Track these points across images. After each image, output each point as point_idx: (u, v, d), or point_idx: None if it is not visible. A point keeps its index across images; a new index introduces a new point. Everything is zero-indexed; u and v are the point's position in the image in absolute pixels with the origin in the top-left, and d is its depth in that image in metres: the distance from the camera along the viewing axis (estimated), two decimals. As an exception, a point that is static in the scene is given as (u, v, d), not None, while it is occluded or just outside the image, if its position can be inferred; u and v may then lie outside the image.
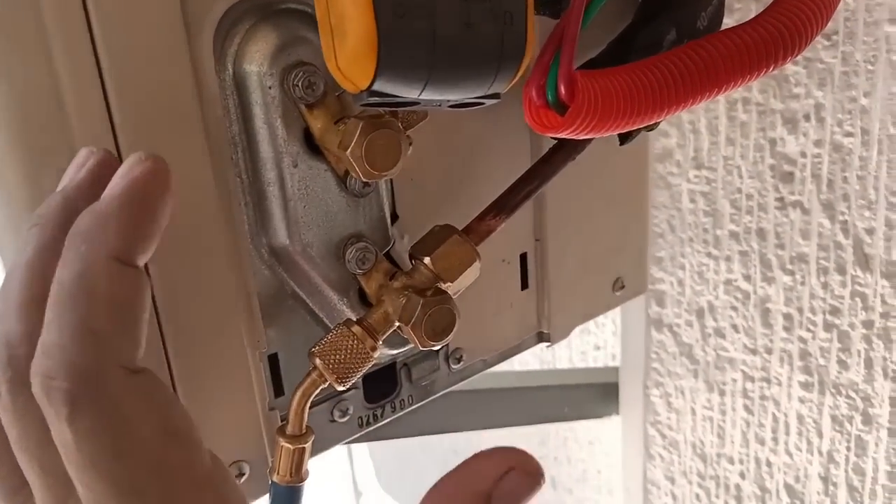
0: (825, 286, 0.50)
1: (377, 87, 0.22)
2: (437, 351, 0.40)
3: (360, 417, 0.38)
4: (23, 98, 0.26)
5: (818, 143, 0.48)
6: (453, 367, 0.41)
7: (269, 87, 0.30)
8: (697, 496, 0.65)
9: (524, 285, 0.43)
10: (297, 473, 0.31)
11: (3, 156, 0.27)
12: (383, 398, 0.39)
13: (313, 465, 0.33)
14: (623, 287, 0.47)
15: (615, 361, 0.73)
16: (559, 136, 0.28)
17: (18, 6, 0.25)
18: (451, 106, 0.25)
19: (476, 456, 0.25)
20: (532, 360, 0.85)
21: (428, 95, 0.23)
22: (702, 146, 0.54)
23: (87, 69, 0.26)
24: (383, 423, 0.39)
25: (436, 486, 0.25)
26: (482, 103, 0.25)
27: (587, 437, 0.81)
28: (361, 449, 1.42)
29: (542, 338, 0.45)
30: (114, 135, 0.28)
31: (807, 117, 0.48)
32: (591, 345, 0.77)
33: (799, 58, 0.47)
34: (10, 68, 0.25)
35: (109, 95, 0.27)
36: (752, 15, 0.33)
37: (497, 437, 0.99)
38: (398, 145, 0.29)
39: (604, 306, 0.47)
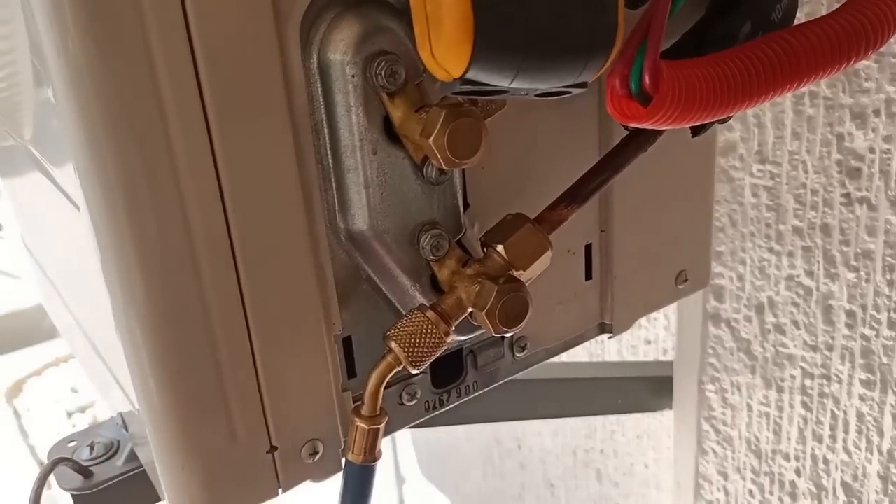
0: (891, 283, 0.49)
1: (471, 74, 0.23)
2: (503, 339, 0.41)
3: (427, 402, 0.39)
4: (121, 81, 0.27)
5: (888, 139, 0.47)
6: (517, 354, 0.42)
7: (352, 76, 0.30)
8: (751, 492, 0.65)
9: (588, 276, 0.43)
10: (371, 453, 0.32)
11: (98, 142, 0.28)
12: (450, 383, 0.40)
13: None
14: (686, 280, 0.47)
15: (666, 356, 0.73)
16: (641, 126, 0.28)
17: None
18: (537, 95, 0.26)
19: None
20: (581, 353, 0.86)
21: (518, 84, 0.24)
22: (766, 140, 0.53)
23: (182, 57, 0.27)
24: (449, 407, 0.40)
25: None
26: (569, 92, 0.26)
27: (635, 431, 0.81)
28: (404, 437, 1.44)
29: (604, 329, 0.45)
30: (206, 120, 0.28)
31: (877, 112, 0.47)
32: (641, 339, 0.76)
33: (871, 51, 0.47)
34: (109, 55, 0.26)
35: (202, 82, 0.28)
36: (822, 8, 0.33)
37: (545, 428, 0.99)
38: (479, 133, 0.29)
39: (666, 299, 0.47)
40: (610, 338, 0.45)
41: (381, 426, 0.33)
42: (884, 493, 0.54)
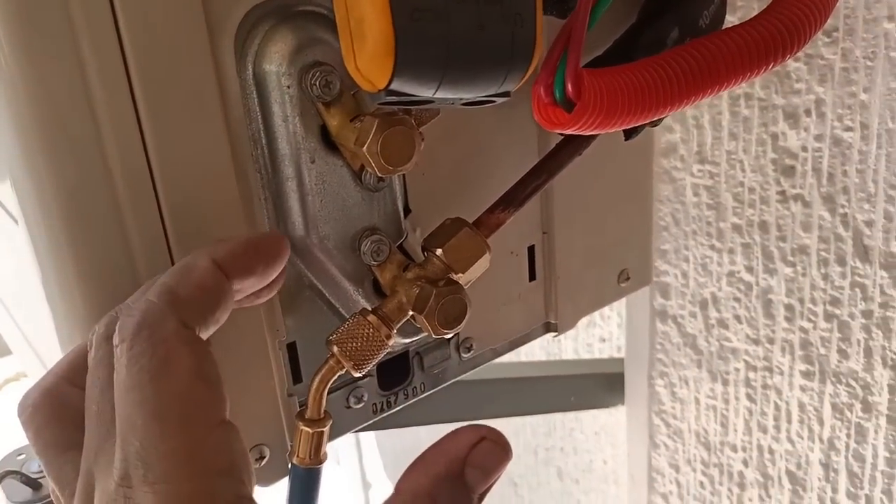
0: (826, 277, 0.51)
1: (394, 86, 0.24)
2: (449, 340, 0.42)
3: (375, 404, 0.40)
4: (54, 97, 0.27)
5: (819, 138, 0.49)
6: (464, 355, 0.43)
7: (288, 87, 0.31)
8: (701, 483, 0.66)
9: (532, 277, 0.44)
10: (316, 456, 0.33)
11: (33, 154, 0.28)
12: (396, 385, 0.40)
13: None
14: (628, 279, 0.49)
15: (621, 353, 0.74)
16: (567, 132, 0.29)
17: (50, 8, 0.26)
18: (463, 104, 0.26)
19: (452, 431, 0.29)
20: (539, 352, 0.87)
21: (442, 94, 0.25)
22: (705, 141, 0.55)
23: (115, 69, 0.28)
24: (396, 409, 0.41)
25: (417, 458, 0.29)
26: (493, 101, 0.27)
27: (593, 428, 0.82)
28: (370, 442, 1.44)
29: (549, 328, 0.46)
30: (140, 133, 0.29)
31: (808, 112, 0.49)
32: (596, 337, 0.78)
33: (800, 54, 0.49)
34: (41, 68, 0.27)
35: (136, 95, 0.28)
36: (755, 12, 0.34)
37: (506, 427, 1.01)
38: (412, 141, 0.30)
39: (609, 297, 0.49)
40: (555, 336, 0.46)
41: (326, 429, 0.33)
42: (825, 479, 0.56)
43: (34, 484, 0.41)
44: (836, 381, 0.53)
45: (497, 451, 0.28)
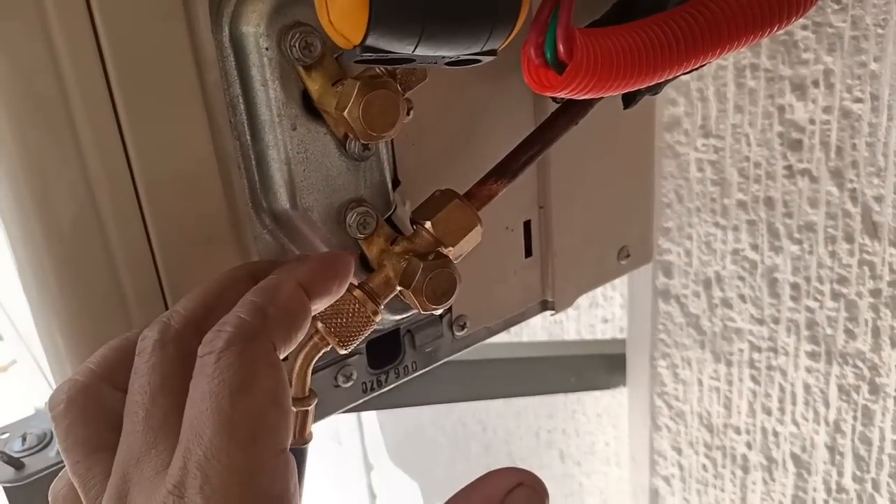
0: (833, 255, 0.50)
1: (370, 42, 0.22)
2: (441, 317, 0.40)
3: (365, 383, 0.38)
4: (19, 61, 0.26)
5: (827, 110, 0.47)
6: (457, 333, 0.41)
7: (266, 49, 0.30)
8: (704, 466, 0.65)
9: (528, 253, 0.43)
10: (301, 435, 0.32)
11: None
12: (387, 364, 0.39)
13: (324, 441, 0.33)
14: (628, 256, 0.47)
15: (623, 334, 0.73)
16: (558, 95, 0.27)
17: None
18: (447, 63, 0.25)
19: (490, 472, 0.28)
20: (541, 333, 0.85)
21: (422, 51, 0.23)
22: (710, 114, 0.53)
23: (83, 32, 0.26)
24: (387, 388, 0.40)
25: (453, 496, 0.28)
26: (479, 60, 0.25)
27: (595, 410, 0.81)
28: (372, 424, 1.43)
29: (545, 306, 0.45)
30: (111, 99, 0.28)
31: (816, 83, 0.47)
32: (598, 318, 0.76)
33: (808, 22, 0.47)
34: (4, 31, 0.25)
35: (106, 59, 0.27)
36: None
37: (508, 409, 0.99)
38: (396, 106, 0.29)
39: (608, 275, 0.47)
40: (552, 315, 0.45)
41: (310, 408, 0.32)
42: (831, 462, 0.55)
43: (17, 463, 0.40)
44: (842, 362, 0.51)
45: (534, 498, 0.27)
